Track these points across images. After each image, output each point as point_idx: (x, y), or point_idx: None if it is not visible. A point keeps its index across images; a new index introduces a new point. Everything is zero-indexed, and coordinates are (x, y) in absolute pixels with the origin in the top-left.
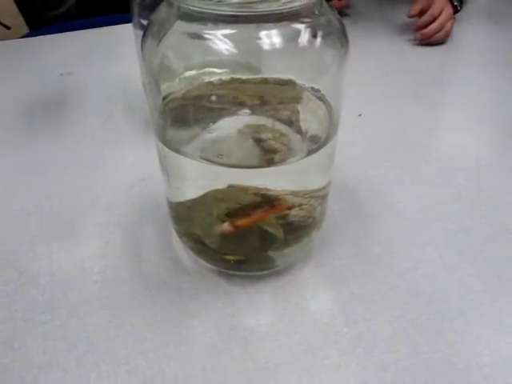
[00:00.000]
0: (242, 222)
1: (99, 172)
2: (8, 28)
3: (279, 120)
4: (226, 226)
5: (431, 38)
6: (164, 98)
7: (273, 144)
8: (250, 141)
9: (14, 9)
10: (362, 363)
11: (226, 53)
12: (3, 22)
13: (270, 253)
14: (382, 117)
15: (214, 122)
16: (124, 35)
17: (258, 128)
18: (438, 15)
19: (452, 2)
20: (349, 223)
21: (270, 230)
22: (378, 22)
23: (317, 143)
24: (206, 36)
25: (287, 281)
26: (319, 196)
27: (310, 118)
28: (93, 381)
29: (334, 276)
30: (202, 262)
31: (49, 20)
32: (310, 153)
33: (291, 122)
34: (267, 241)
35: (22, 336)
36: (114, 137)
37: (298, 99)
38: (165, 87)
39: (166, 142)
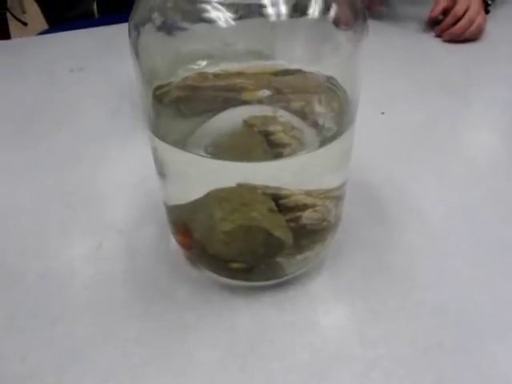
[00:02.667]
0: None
1: (101, 170)
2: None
3: (290, 111)
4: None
5: (461, 36)
6: (158, 88)
7: (282, 137)
8: (256, 134)
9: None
10: None
11: (223, 25)
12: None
13: (279, 259)
14: (407, 115)
15: (216, 113)
16: None
17: (265, 120)
18: (463, 14)
19: None
20: (368, 229)
21: (277, 233)
22: (407, 16)
23: (329, 134)
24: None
25: (297, 292)
26: (334, 196)
27: (323, 109)
28: None
29: (350, 288)
30: (201, 269)
31: (68, 20)
32: (322, 144)
33: (304, 114)
34: (273, 246)
35: (0, 344)
36: (119, 134)
37: (309, 88)
38: (157, 79)
39: (162, 136)
